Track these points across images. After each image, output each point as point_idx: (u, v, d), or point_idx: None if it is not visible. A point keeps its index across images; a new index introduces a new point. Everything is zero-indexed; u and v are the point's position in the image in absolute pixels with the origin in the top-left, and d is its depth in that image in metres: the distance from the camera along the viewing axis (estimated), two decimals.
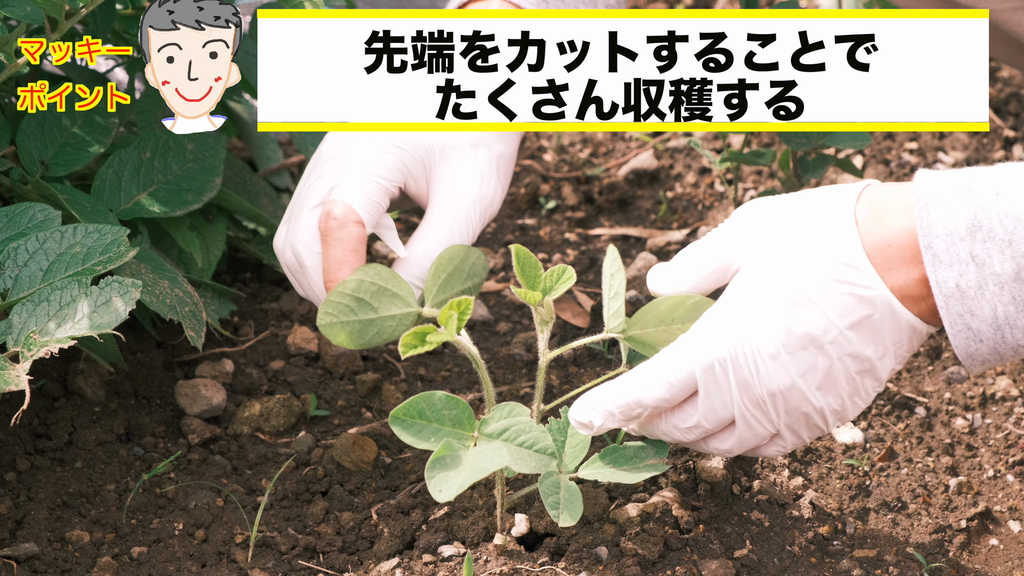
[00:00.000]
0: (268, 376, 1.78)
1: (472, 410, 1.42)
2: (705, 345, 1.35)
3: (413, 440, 1.40)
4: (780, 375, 1.35)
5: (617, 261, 1.46)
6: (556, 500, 1.41)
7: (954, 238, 1.30)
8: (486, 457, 1.38)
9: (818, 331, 1.34)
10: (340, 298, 1.44)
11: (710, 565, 1.46)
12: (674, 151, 2.20)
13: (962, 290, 1.30)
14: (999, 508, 1.61)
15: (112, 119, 1.74)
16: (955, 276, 1.30)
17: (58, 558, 1.53)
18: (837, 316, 1.34)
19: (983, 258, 1.29)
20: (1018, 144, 2.14)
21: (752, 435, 1.38)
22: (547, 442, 1.41)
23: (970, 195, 1.30)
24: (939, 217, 1.30)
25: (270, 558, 1.54)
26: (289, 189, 2.11)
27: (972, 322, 1.31)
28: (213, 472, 1.65)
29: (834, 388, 1.36)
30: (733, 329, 1.35)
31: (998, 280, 1.29)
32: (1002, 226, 1.28)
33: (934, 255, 1.30)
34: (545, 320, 1.48)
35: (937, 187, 1.32)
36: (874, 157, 2.13)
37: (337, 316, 1.45)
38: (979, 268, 1.29)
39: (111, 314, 1.44)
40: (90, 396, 1.71)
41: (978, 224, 1.29)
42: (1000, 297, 1.29)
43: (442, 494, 1.35)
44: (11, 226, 1.56)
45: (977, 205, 1.29)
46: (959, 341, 1.32)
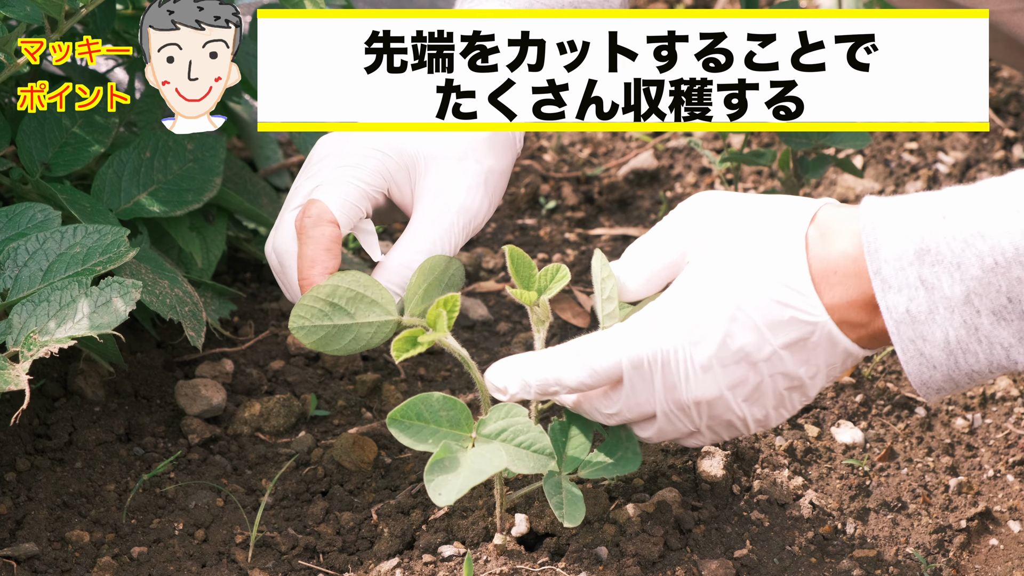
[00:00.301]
0: (268, 376, 1.78)
1: (470, 411, 1.42)
2: (637, 340, 1.34)
3: (411, 442, 1.40)
4: (708, 385, 1.34)
5: (607, 266, 1.46)
6: (560, 501, 1.41)
7: (903, 262, 1.28)
8: (484, 459, 1.38)
9: (753, 348, 1.33)
10: (313, 302, 1.44)
11: (710, 565, 1.46)
12: (674, 151, 2.20)
13: (912, 315, 1.28)
14: (999, 508, 1.61)
15: (112, 119, 1.74)
16: (905, 301, 1.28)
17: (58, 558, 1.53)
18: (774, 336, 1.33)
19: (932, 282, 1.27)
20: (1018, 144, 2.14)
21: (672, 429, 1.38)
22: (545, 442, 1.41)
23: (917, 219, 1.28)
24: (887, 242, 1.28)
25: (270, 558, 1.54)
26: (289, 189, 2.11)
27: (924, 348, 1.29)
28: (213, 472, 1.65)
29: (760, 401, 1.36)
30: (669, 330, 1.34)
31: (948, 304, 1.27)
32: (950, 249, 1.26)
33: (883, 280, 1.29)
34: (541, 320, 1.48)
35: (884, 212, 1.30)
36: (874, 157, 2.13)
37: (309, 320, 1.44)
38: (929, 292, 1.27)
39: (111, 314, 1.44)
40: (90, 396, 1.71)
41: (926, 248, 1.27)
42: (951, 321, 1.27)
43: (441, 497, 1.35)
44: (11, 226, 1.56)
45: (925, 229, 1.27)
46: (912, 368, 1.30)
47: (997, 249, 1.25)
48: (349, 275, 1.44)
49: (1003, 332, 1.27)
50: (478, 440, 1.41)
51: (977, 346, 1.28)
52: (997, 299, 1.26)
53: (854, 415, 1.71)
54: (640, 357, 1.34)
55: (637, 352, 1.34)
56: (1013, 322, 1.26)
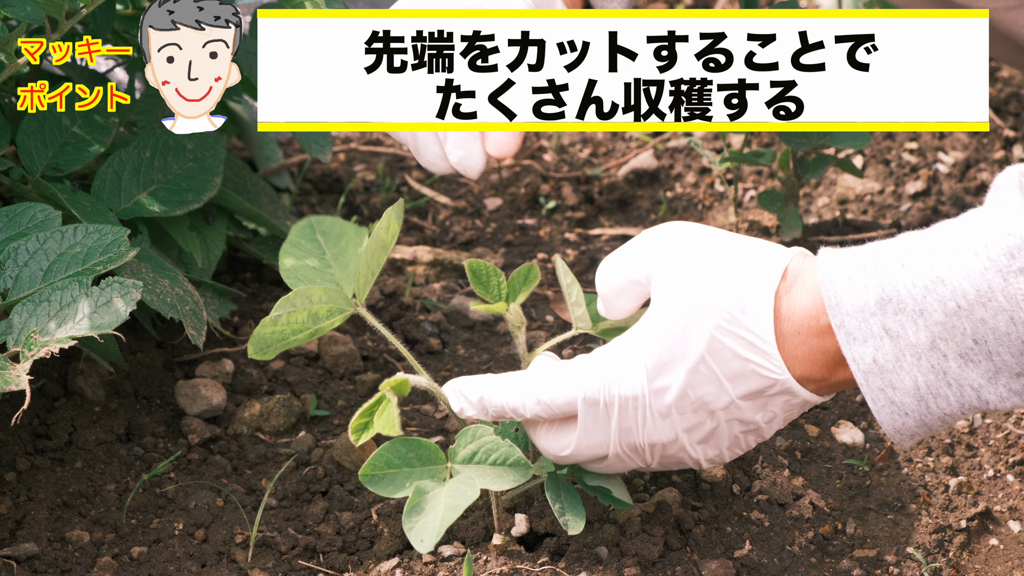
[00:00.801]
0: (268, 376, 1.78)
1: (436, 446, 1.41)
2: (595, 380, 1.35)
3: (389, 491, 1.39)
4: (665, 430, 1.35)
5: (568, 272, 1.47)
6: (562, 508, 1.42)
7: (865, 313, 1.27)
8: (459, 492, 1.37)
9: (712, 398, 1.34)
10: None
11: (710, 565, 1.46)
12: (674, 151, 2.20)
13: (880, 365, 1.28)
14: (999, 508, 1.61)
15: (112, 119, 1.74)
16: (871, 351, 1.28)
17: (58, 558, 1.53)
18: (733, 387, 1.33)
19: (896, 330, 1.27)
20: (1018, 144, 2.14)
21: (622, 466, 1.40)
22: (517, 454, 1.39)
23: (875, 269, 1.28)
24: (847, 294, 1.28)
25: (270, 558, 1.54)
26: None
27: (894, 396, 1.28)
28: (213, 472, 1.65)
29: (715, 443, 1.38)
30: (629, 375, 1.34)
31: (915, 351, 1.26)
32: (911, 296, 1.26)
33: (847, 332, 1.28)
34: (516, 326, 1.49)
35: (842, 265, 1.30)
36: (874, 157, 2.13)
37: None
38: (894, 341, 1.27)
39: (112, 314, 1.44)
40: (90, 396, 1.71)
41: (887, 297, 1.27)
42: (919, 367, 1.27)
43: (424, 544, 1.34)
44: (11, 226, 1.56)
45: (884, 278, 1.27)
46: (884, 416, 1.30)
47: (959, 292, 1.24)
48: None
49: (972, 373, 1.26)
50: (453, 468, 1.40)
51: (947, 389, 1.28)
52: (963, 342, 1.25)
53: (854, 415, 1.71)
54: (596, 397, 1.35)
55: (594, 392, 1.35)
56: (981, 363, 1.26)
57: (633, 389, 1.34)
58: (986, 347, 1.25)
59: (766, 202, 1.90)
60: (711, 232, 1.38)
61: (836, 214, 2.03)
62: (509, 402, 1.39)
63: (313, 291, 1.42)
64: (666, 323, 1.34)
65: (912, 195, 2.06)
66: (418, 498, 1.37)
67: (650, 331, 1.34)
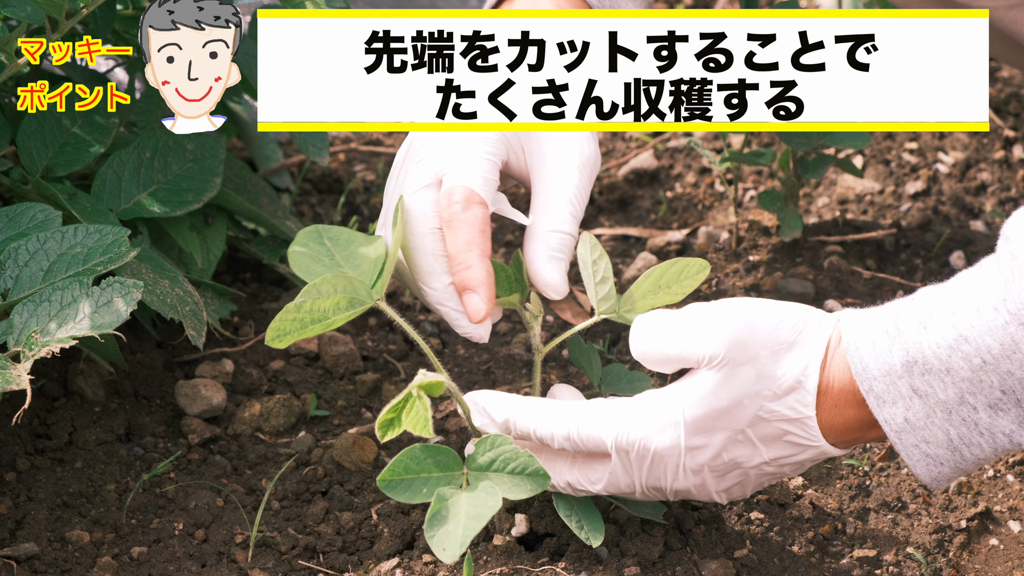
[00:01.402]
0: (268, 376, 1.78)
1: (454, 452, 1.41)
2: (630, 427, 1.37)
3: (406, 497, 1.38)
4: (694, 480, 1.38)
5: (597, 247, 1.46)
6: (579, 523, 1.42)
7: (892, 377, 1.31)
8: (480, 502, 1.37)
9: (744, 459, 1.37)
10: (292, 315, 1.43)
11: (710, 565, 1.46)
12: (674, 151, 2.20)
13: (911, 423, 1.31)
14: (999, 508, 1.61)
15: (112, 119, 1.74)
16: (902, 411, 1.31)
17: (58, 558, 1.53)
18: (768, 452, 1.37)
19: (925, 390, 1.30)
20: (1018, 144, 2.14)
21: (644, 498, 1.42)
22: (537, 464, 1.40)
23: (898, 333, 1.31)
24: (872, 360, 1.31)
25: (270, 558, 1.54)
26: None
27: (928, 449, 1.32)
28: (213, 472, 1.65)
29: (740, 488, 1.41)
30: (666, 431, 1.36)
31: (944, 407, 1.30)
32: (936, 357, 1.29)
33: (877, 396, 1.31)
34: (534, 315, 1.49)
35: (864, 331, 1.33)
36: (874, 157, 2.13)
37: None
38: (923, 400, 1.30)
39: (112, 314, 1.44)
40: (90, 396, 1.71)
41: (913, 360, 1.30)
42: (950, 421, 1.30)
43: (447, 553, 1.34)
44: (11, 226, 1.56)
45: (908, 341, 1.30)
46: (920, 469, 1.33)
47: (983, 348, 1.27)
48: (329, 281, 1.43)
49: (1002, 421, 1.29)
50: (470, 475, 1.40)
51: (980, 438, 1.31)
52: (991, 394, 1.28)
53: None
54: (630, 446, 1.37)
55: (628, 441, 1.37)
56: (1011, 410, 1.29)
57: (668, 444, 1.36)
58: (1014, 396, 1.28)
59: (766, 202, 1.90)
60: (760, 310, 1.38)
61: (836, 214, 2.03)
62: (537, 431, 1.40)
63: (339, 280, 1.41)
64: (716, 395, 1.35)
65: (912, 195, 2.06)
66: (439, 505, 1.37)
67: (696, 396, 1.36)
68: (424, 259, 1.47)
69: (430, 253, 1.46)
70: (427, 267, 1.47)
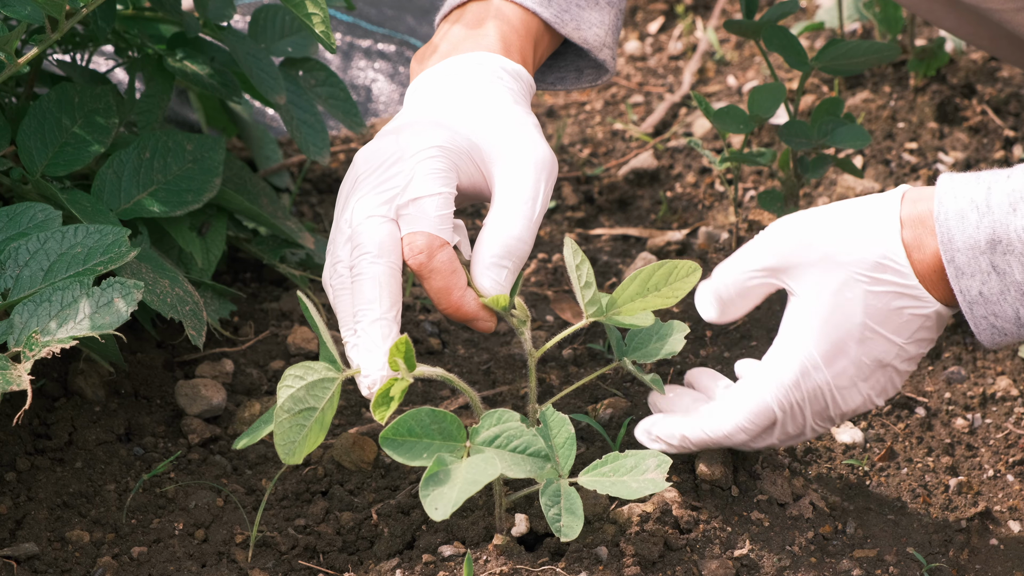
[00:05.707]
0: (268, 376, 1.78)
1: (460, 421, 1.41)
2: (782, 389, 1.46)
3: (406, 458, 1.39)
4: (854, 398, 1.48)
5: (579, 252, 1.48)
6: (557, 513, 1.42)
7: (975, 252, 1.40)
8: (478, 469, 1.37)
9: (885, 355, 1.46)
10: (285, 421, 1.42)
11: (710, 565, 1.46)
12: (674, 151, 2.20)
13: (985, 297, 1.41)
14: (999, 508, 1.61)
15: (112, 119, 1.74)
16: (978, 285, 1.41)
17: (58, 558, 1.53)
18: (899, 337, 1.45)
19: (1004, 268, 1.40)
20: (1018, 144, 2.14)
21: (814, 435, 1.52)
22: (540, 445, 1.40)
23: (988, 211, 1.39)
24: (959, 233, 1.40)
25: (270, 558, 1.54)
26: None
27: (996, 322, 1.42)
28: (213, 472, 1.65)
29: (892, 386, 1.49)
30: (807, 371, 1.45)
31: (1019, 288, 1.40)
32: (1020, 240, 1.38)
33: (956, 267, 1.41)
34: (522, 321, 1.49)
35: (955, 200, 1.41)
36: (874, 157, 2.13)
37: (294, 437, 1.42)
38: (1000, 277, 1.40)
39: (113, 315, 1.44)
40: (90, 396, 1.71)
41: (997, 239, 1.39)
42: (1021, 301, 1.40)
43: (438, 512, 1.35)
44: (12, 226, 1.56)
45: (996, 221, 1.39)
46: (984, 337, 1.43)
47: None
48: (302, 367, 1.44)
49: None
50: (472, 449, 1.40)
51: None
52: None
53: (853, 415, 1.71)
54: (789, 402, 1.47)
55: (786, 400, 1.47)
56: None
57: (817, 381, 1.46)
58: None
59: (766, 202, 1.90)
60: (826, 211, 1.47)
61: None
62: (714, 436, 1.49)
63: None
64: (819, 305, 1.45)
65: None
66: (438, 467, 1.37)
67: (808, 320, 1.45)
68: (364, 288, 1.46)
69: (371, 277, 1.46)
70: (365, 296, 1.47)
